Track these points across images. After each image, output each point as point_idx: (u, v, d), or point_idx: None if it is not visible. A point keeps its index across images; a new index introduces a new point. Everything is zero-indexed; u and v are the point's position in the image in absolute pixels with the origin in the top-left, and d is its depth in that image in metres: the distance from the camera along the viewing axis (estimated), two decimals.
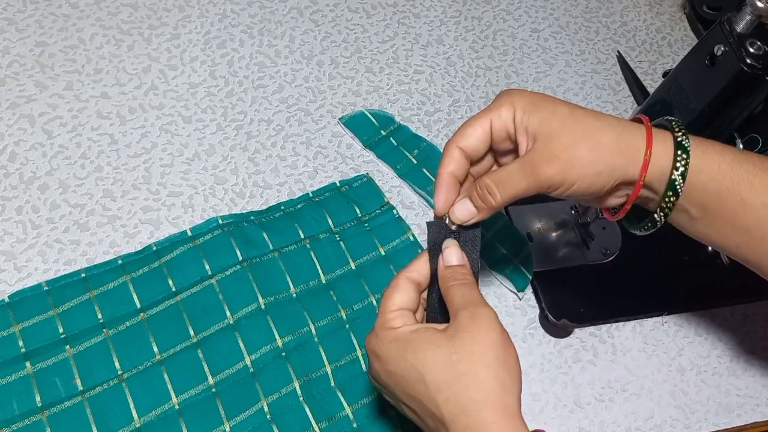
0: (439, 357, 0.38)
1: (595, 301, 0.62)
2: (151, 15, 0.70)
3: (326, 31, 0.74)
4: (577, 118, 0.42)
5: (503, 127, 0.43)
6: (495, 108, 0.43)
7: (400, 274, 0.44)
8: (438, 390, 0.38)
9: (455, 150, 0.44)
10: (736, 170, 0.43)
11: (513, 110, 0.43)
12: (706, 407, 0.61)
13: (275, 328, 0.55)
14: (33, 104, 0.62)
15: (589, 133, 0.42)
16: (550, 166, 0.41)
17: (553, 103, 0.43)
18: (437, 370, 0.38)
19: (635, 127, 0.43)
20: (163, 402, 0.51)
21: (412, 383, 0.39)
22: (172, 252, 0.56)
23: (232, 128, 0.65)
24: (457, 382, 0.38)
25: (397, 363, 0.40)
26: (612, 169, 0.42)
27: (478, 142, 0.44)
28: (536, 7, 0.82)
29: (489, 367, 0.38)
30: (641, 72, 0.79)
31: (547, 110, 0.42)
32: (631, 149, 0.42)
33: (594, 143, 0.41)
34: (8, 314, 0.52)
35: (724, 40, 0.50)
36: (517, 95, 0.43)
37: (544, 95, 0.44)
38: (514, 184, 0.42)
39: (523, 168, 0.42)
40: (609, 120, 0.43)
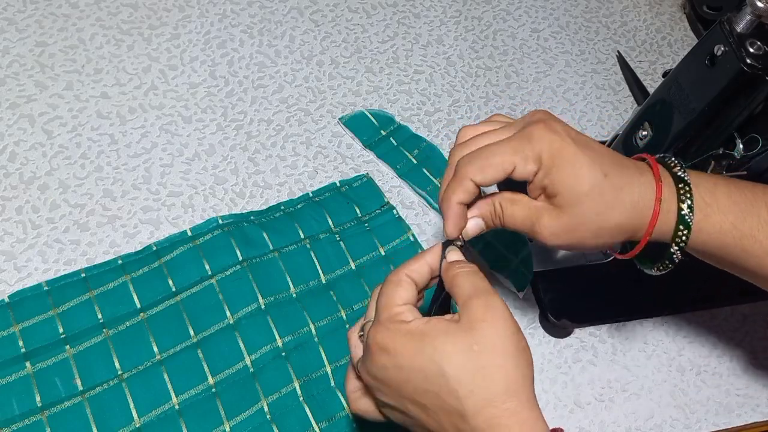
0: (460, 348, 0.38)
1: (595, 301, 0.62)
2: (151, 15, 0.70)
3: (326, 31, 0.74)
4: (593, 197, 0.41)
5: (523, 177, 0.43)
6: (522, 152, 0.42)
7: (400, 271, 0.43)
8: (460, 382, 0.37)
9: (469, 183, 0.43)
10: (739, 228, 0.43)
11: (538, 168, 0.42)
12: (706, 407, 0.61)
13: (275, 328, 0.55)
14: (33, 104, 0.62)
15: (600, 217, 0.42)
16: (549, 237, 0.43)
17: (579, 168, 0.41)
18: (458, 363, 0.37)
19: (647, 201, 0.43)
20: (163, 402, 0.51)
21: (431, 377, 0.38)
22: (172, 252, 0.56)
23: (232, 128, 0.65)
24: (480, 373, 0.37)
25: (412, 357, 0.38)
26: (614, 240, 0.44)
27: (494, 181, 0.43)
28: (536, 7, 0.82)
29: (510, 356, 0.38)
30: (641, 72, 0.79)
31: (569, 176, 0.41)
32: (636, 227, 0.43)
33: (597, 228, 0.42)
34: (8, 314, 0.52)
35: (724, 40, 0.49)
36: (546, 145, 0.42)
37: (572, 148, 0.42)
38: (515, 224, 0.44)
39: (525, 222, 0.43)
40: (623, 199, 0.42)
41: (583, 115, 0.75)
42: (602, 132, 0.74)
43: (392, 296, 0.41)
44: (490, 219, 0.44)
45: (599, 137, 0.73)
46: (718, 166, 0.56)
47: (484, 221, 0.44)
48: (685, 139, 0.54)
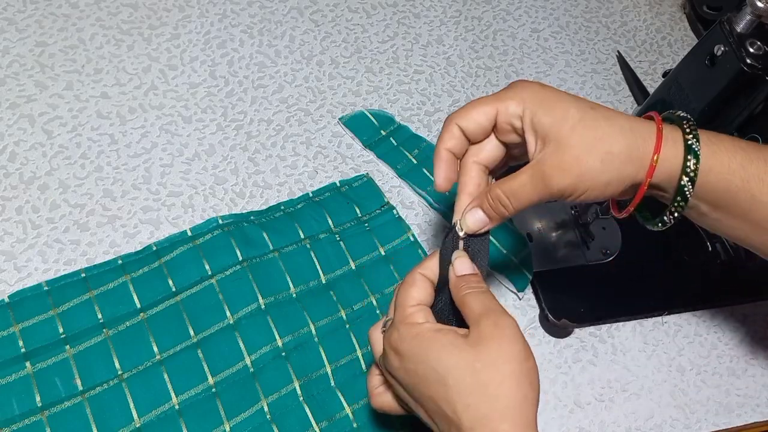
0: (463, 363, 0.38)
1: (595, 301, 0.62)
2: (151, 15, 0.70)
3: (326, 31, 0.74)
4: (587, 124, 0.41)
5: (508, 121, 0.43)
6: (503, 98, 0.43)
7: (415, 271, 0.43)
8: (459, 395, 0.37)
9: (454, 127, 0.43)
10: (746, 168, 0.42)
11: (522, 107, 0.42)
12: (706, 407, 0.61)
13: (275, 328, 0.55)
14: (33, 104, 0.62)
15: (600, 142, 0.41)
16: (560, 178, 0.41)
17: (565, 103, 0.42)
18: (459, 376, 0.38)
19: (646, 128, 0.42)
20: (163, 402, 0.51)
21: (433, 384, 0.38)
22: (172, 252, 0.56)
23: (232, 128, 0.65)
24: (480, 391, 0.37)
25: (418, 362, 0.39)
26: (622, 177, 0.42)
27: (478, 126, 0.43)
28: (536, 7, 0.82)
29: (511, 378, 0.38)
30: (641, 72, 0.79)
31: (557, 112, 0.41)
32: (642, 156, 0.42)
33: (605, 153, 0.41)
34: (8, 314, 0.52)
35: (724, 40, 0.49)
36: (528, 90, 0.42)
37: (555, 92, 0.42)
38: (525, 195, 0.42)
39: (533, 179, 0.42)
40: (620, 123, 0.42)
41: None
42: None
43: (406, 297, 0.42)
44: (489, 207, 0.43)
45: None
46: None
47: (484, 211, 0.44)
48: None
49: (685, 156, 0.41)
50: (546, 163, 0.41)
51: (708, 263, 0.66)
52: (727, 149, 0.42)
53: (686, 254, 0.66)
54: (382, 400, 0.45)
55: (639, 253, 0.65)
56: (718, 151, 0.42)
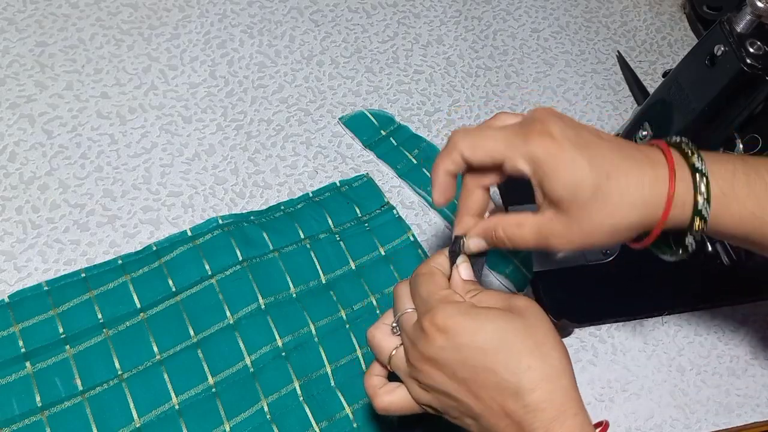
0: (517, 326, 0.39)
1: (595, 301, 0.62)
2: (151, 15, 0.70)
3: (326, 31, 0.74)
4: (599, 198, 0.40)
5: (515, 173, 0.42)
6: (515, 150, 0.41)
7: (428, 263, 0.44)
8: (519, 357, 0.38)
9: (458, 155, 0.42)
10: (758, 216, 0.42)
11: (531, 169, 0.40)
12: (706, 407, 0.61)
13: (275, 328, 0.55)
14: (33, 104, 0.62)
15: (610, 218, 0.40)
16: (564, 246, 0.42)
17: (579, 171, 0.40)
18: (517, 339, 0.39)
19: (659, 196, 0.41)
20: (163, 402, 0.51)
21: (491, 353, 0.39)
22: (172, 252, 0.56)
23: (232, 128, 0.65)
24: (538, 350, 0.39)
25: (473, 334, 0.39)
26: (628, 238, 0.43)
27: (482, 165, 0.42)
28: (536, 7, 0.82)
29: (558, 341, 0.40)
30: (641, 72, 0.79)
31: (569, 185, 0.40)
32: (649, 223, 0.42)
33: (613, 229, 0.41)
34: (8, 314, 0.52)
35: (724, 40, 0.49)
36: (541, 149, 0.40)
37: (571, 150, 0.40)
38: (527, 245, 0.43)
39: (537, 239, 0.42)
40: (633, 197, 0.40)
41: (583, 115, 0.75)
42: None
43: (433, 283, 0.42)
44: (492, 242, 0.44)
45: None
46: None
47: (486, 242, 0.44)
48: None
49: (693, 217, 0.41)
50: (553, 230, 0.41)
51: (708, 263, 0.66)
52: (738, 199, 0.42)
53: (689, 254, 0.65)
54: (390, 399, 0.44)
55: (639, 253, 0.64)
56: (729, 204, 0.42)
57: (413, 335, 0.42)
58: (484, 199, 0.44)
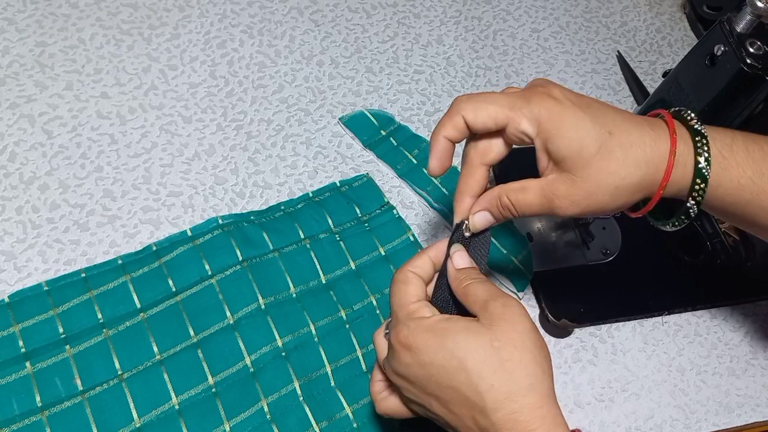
0: (481, 344, 0.38)
1: (595, 301, 0.62)
2: (151, 15, 0.70)
3: (326, 31, 0.74)
4: (602, 156, 0.40)
5: (518, 135, 0.42)
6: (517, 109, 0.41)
7: (405, 269, 0.43)
8: (481, 377, 0.37)
9: (459, 119, 0.42)
10: (756, 183, 0.42)
11: (535, 129, 0.41)
12: (706, 407, 0.61)
13: (275, 328, 0.55)
14: (33, 104, 0.62)
15: (612, 176, 0.41)
16: (568, 208, 0.42)
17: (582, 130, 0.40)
18: (479, 358, 0.38)
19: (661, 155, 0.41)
20: (163, 402, 0.51)
21: (452, 372, 0.38)
22: (172, 252, 0.56)
23: (232, 128, 0.65)
24: (501, 368, 0.37)
25: (435, 352, 0.39)
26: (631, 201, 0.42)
27: (484, 127, 0.42)
28: (536, 7, 0.82)
29: (530, 352, 0.38)
30: (641, 72, 0.79)
31: (573, 143, 0.40)
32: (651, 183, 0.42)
33: (615, 188, 0.41)
34: (8, 314, 0.52)
35: (724, 40, 0.49)
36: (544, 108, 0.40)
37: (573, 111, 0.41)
38: (531, 210, 0.43)
39: (542, 201, 0.42)
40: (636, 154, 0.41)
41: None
42: None
43: (404, 294, 0.42)
44: (498, 212, 0.43)
45: None
46: None
47: (491, 214, 0.44)
48: None
49: (694, 179, 0.42)
50: (557, 191, 0.41)
51: (708, 263, 0.66)
52: (738, 163, 0.42)
53: (686, 254, 0.66)
54: (386, 404, 0.45)
55: (639, 253, 0.65)
56: (728, 167, 0.42)
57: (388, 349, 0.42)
58: (485, 179, 0.44)
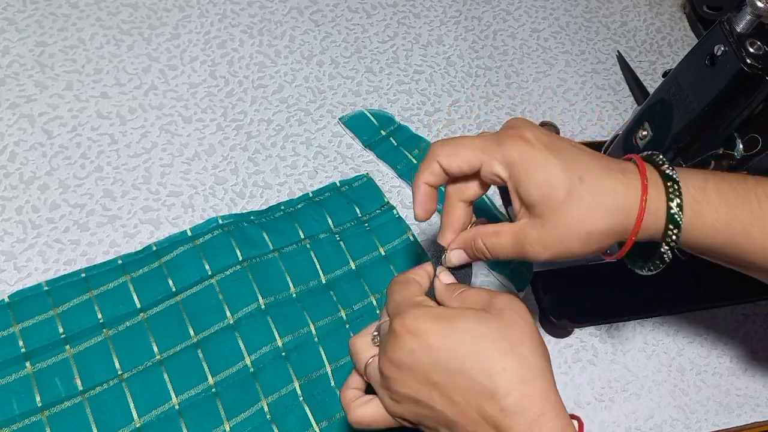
0: (491, 328, 0.38)
1: (595, 301, 0.62)
2: (151, 15, 0.70)
3: (326, 31, 0.74)
4: (572, 201, 0.40)
5: (491, 177, 0.42)
6: (489, 153, 0.42)
7: (405, 273, 0.44)
8: (493, 359, 0.37)
9: (435, 165, 0.43)
10: (731, 225, 0.42)
11: (507, 172, 0.41)
12: (706, 407, 0.61)
13: (275, 328, 0.55)
14: (33, 104, 0.62)
15: (582, 223, 0.41)
16: (540, 253, 0.42)
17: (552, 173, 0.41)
18: (490, 340, 0.38)
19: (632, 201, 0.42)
20: (163, 402, 0.51)
21: (463, 355, 0.38)
22: (172, 252, 0.56)
23: (232, 128, 0.65)
24: (514, 352, 0.38)
25: (445, 336, 0.38)
26: (602, 247, 0.43)
27: (459, 171, 0.43)
28: (536, 7, 0.82)
29: (536, 341, 0.39)
30: (641, 72, 0.79)
31: (543, 186, 0.40)
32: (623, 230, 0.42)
33: (586, 235, 0.41)
34: (8, 314, 0.52)
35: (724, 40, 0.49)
36: (516, 152, 0.41)
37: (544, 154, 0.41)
38: (506, 253, 0.43)
39: (514, 247, 0.43)
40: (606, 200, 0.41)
41: (583, 115, 0.75)
42: (602, 132, 0.74)
43: (409, 291, 0.42)
44: (472, 252, 0.44)
45: (599, 137, 0.73)
46: (718, 166, 0.55)
47: (467, 254, 0.45)
48: (685, 139, 0.54)
49: (666, 225, 0.42)
50: (528, 236, 0.42)
51: (708, 263, 0.66)
52: (711, 207, 0.42)
53: (686, 254, 0.65)
54: (363, 411, 0.43)
55: None
56: (701, 212, 0.42)
57: (385, 341, 0.41)
58: (466, 214, 0.45)
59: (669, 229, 0.42)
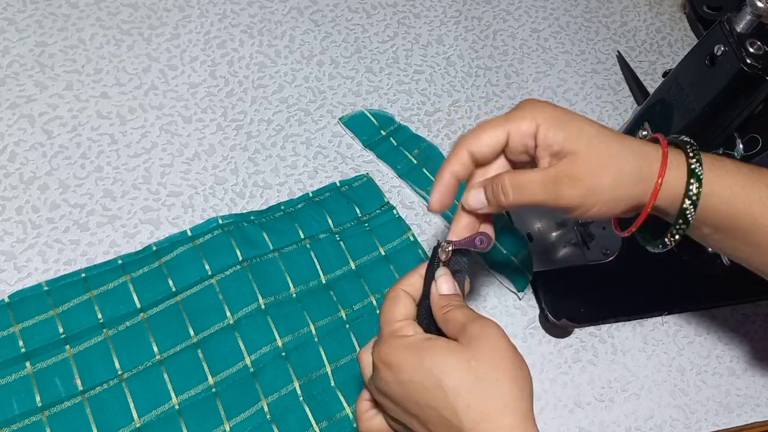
0: (458, 362, 0.38)
1: (595, 301, 0.62)
2: (151, 15, 0.70)
3: (326, 31, 0.74)
4: (602, 140, 0.42)
5: (521, 141, 0.43)
6: (515, 119, 0.42)
7: (397, 287, 0.44)
8: (457, 396, 0.37)
9: (465, 152, 0.43)
10: (749, 192, 0.43)
11: (535, 126, 0.42)
12: (706, 407, 0.61)
13: (275, 328, 0.55)
14: (33, 104, 0.62)
15: (614, 159, 0.41)
16: (572, 188, 0.42)
17: (579, 120, 0.42)
18: (457, 376, 0.38)
19: (653, 151, 0.43)
20: (163, 402, 0.51)
21: (431, 390, 0.38)
22: (172, 252, 0.56)
23: (232, 128, 0.65)
24: (478, 387, 0.37)
25: (414, 370, 0.39)
26: (630, 196, 0.43)
27: (490, 149, 0.43)
28: (536, 7, 0.82)
29: (507, 371, 0.38)
30: (641, 72, 0.79)
31: (572, 128, 0.42)
32: (648, 177, 0.42)
33: (617, 172, 0.41)
34: (8, 314, 0.52)
35: (724, 40, 0.49)
36: (539, 109, 0.42)
37: (567, 111, 0.43)
38: (531, 193, 0.43)
39: (544, 182, 0.42)
40: (631, 146, 0.42)
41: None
42: None
43: (391, 312, 0.42)
44: (492, 193, 0.44)
45: None
46: None
47: (486, 195, 0.44)
48: None
49: (688, 180, 0.42)
50: (560, 170, 0.42)
51: (708, 263, 0.66)
52: (729, 173, 0.43)
53: (686, 254, 0.66)
54: (370, 424, 0.44)
55: (639, 253, 0.64)
56: (720, 175, 0.43)
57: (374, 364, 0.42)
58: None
59: (690, 184, 0.42)
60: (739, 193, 0.43)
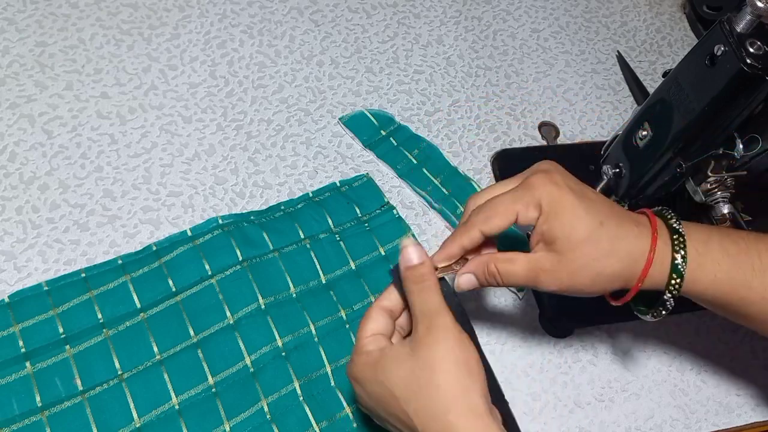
0: (404, 372, 0.41)
1: (595, 301, 0.62)
2: (151, 15, 0.70)
3: (326, 31, 0.74)
4: (590, 244, 0.44)
5: (526, 221, 0.45)
6: (523, 201, 0.45)
7: (374, 305, 0.46)
8: (407, 403, 0.41)
9: (476, 232, 0.46)
10: (733, 277, 0.45)
11: (538, 213, 0.44)
12: (706, 407, 0.61)
13: (275, 328, 0.55)
14: (33, 104, 0.62)
15: (596, 263, 0.44)
16: (551, 284, 0.45)
17: (576, 216, 0.44)
18: (404, 385, 0.41)
19: (641, 250, 0.45)
20: (163, 402, 0.51)
21: (388, 400, 0.42)
22: (172, 252, 0.56)
23: (232, 128, 0.65)
24: (421, 393, 0.40)
25: (372, 384, 0.43)
26: (608, 289, 0.46)
27: (499, 230, 0.46)
28: (536, 7, 0.82)
29: (448, 373, 0.40)
30: (641, 72, 0.79)
31: (566, 227, 0.44)
32: (630, 276, 0.45)
33: (595, 275, 0.44)
34: (8, 314, 0.52)
35: (724, 40, 0.49)
36: (546, 193, 0.44)
37: (571, 197, 0.44)
38: (516, 281, 0.46)
39: (527, 274, 0.46)
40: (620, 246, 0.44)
41: (583, 115, 0.75)
42: (602, 132, 0.74)
43: (362, 329, 0.45)
44: (483, 277, 0.47)
45: (599, 137, 0.74)
46: (718, 166, 0.55)
47: (477, 278, 0.47)
48: (685, 139, 0.54)
49: (670, 274, 0.45)
50: (543, 266, 0.45)
51: None
52: (713, 260, 0.45)
53: None
54: None
55: None
56: (703, 264, 0.45)
57: None
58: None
59: (672, 278, 0.45)
60: (722, 279, 0.45)
